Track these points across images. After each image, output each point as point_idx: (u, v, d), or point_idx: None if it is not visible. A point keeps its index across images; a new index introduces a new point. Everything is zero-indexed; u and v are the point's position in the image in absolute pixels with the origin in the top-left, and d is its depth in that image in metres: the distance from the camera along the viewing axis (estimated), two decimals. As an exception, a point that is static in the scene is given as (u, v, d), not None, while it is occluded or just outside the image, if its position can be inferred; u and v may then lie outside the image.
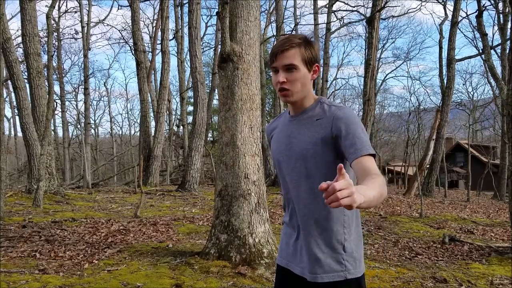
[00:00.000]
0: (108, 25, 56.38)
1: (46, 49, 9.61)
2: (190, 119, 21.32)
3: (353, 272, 1.42)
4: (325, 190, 1.01)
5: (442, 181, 25.15)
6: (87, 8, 23.03)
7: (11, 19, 31.30)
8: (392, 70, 57.56)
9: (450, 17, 17.15)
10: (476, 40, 21.63)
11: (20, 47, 15.24)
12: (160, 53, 17.04)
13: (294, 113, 1.54)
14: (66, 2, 46.51)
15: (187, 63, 23.51)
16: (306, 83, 1.47)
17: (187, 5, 16.18)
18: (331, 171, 1.41)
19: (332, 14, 21.90)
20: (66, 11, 24.51)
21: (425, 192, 15.46)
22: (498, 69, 16.44)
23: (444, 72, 17.25)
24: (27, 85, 9.86)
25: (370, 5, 17.71)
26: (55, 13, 21.28)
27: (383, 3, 16.33)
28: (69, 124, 29.04)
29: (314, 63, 1.47)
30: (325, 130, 1.42)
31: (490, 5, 17.02)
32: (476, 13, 12.67)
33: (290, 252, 1.58)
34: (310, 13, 29.03)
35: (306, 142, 1.45)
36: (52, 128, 21.78)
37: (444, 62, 17.32)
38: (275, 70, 1.46)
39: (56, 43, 22.32)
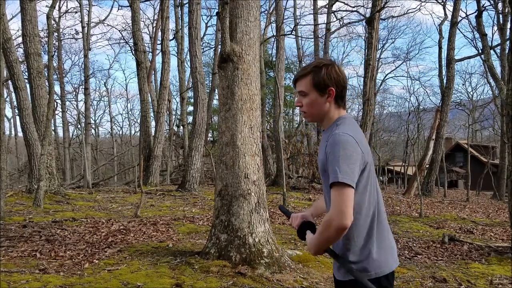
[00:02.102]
0: (108, 25, 56.35)
1: (47, 49, 9.60)
2: (190, 119, 21.33)
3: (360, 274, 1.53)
4: None
5: (441, 181, 25.17)
6: (88, 8, 23.05)
7: (11, 19, 31.32)
8: (392, 70, 57.52)
9: (449, 17, 17.17)
10: (475, 40, 21.62)
11: (21, 47, 15.26)
12: (160, 53, 17.05)
13: (323, 130, 1.74)
14: (67, 2, 46.64)
15: (187, 63, 23.53)
16: (319, 106, 1.64)
17: (187, 5, 16.19)
18: (326, 183, 1.57)
19: (332, 14, 21.91)
20: (66, 11, 24.53)
21: (424, 192, 15.46)
22: (498, 69, 16.45)
23: (444, 72, 17.26)
24: (28, 85, 9.87)
25: (370, 5, 17.71)
26: (55, 13, 21.32)
27: (383, 3, 16.33)
28: (69, 124, 29.07)
29: (326, 87, 1.61)
30: (323, 150, 1.58)
31: (489, 5, 17.02)
32: (476, 13, 12.67)
33: None
34: (310, 13, 29.01)
35: (320, 159, 1.62)
36: (53, 128, 21.77)
37: (444, 62, 17.33)
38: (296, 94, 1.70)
39: (57, 43, 22.33)
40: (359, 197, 1.52)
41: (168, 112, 24.66)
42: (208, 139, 24.73)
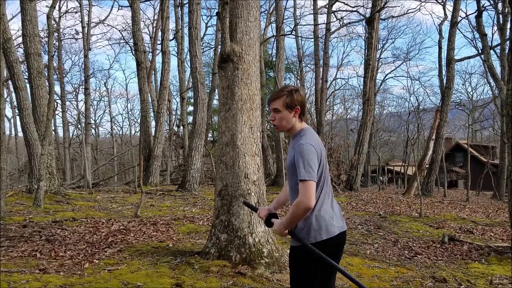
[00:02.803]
0: (108, 25, 56.41)
1: (47, 49, 9.61)
2: (190, 119, 21.32)
3: (308, 240, 2.09)
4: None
5: (441, 181, 25.16)
6: (88, 9, 23.04)
7: (11, 19, 31.29)
8: (392, 70, 57.59)
9: (449, 17, 17.17)
10: (475, 40, 21.63)
11: (21, 47, 15.26)
12: (161, 53, 17.05)
13: (290, 139, 2.34)
14: (67, 3, 46.67)
15: (187, 63, 23.53)
16: (288, 120, 2.22)
17: (187, 5, 16.19)
18: (292, 182, 2.17)
19: (332, 14, 21.90)
20: (66, 12, 24.53)
21: (424, 192, 15.46)
22: (498, 69, 16.46)
23: (444, 72, 17.26)
24: (28, 85, 9.87)
25: (370, 5, 17.73)
26: (55, 13, 21.32)
27: (383, 3, 16.35)
28: (69, 124, 29.04)
29: (294, 106, 2.20)
30: (292, 155, 2.15)
31: (489, 6, 17.02)
32: (476, 13, 12.67)
33: None
34: (310, 13, 29.02)
35: (289, 161, 2.18)
36: (53, 128, 21.77)
37: (444, 62, 17.32)
38: (270, 110, 2.27)
39: (57, 43, 22.32)
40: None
41: (168, 112, 24.65)
42: (208, 139, 24.73)
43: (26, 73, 10.06)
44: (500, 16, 18.13)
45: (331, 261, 2.02)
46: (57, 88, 23.56)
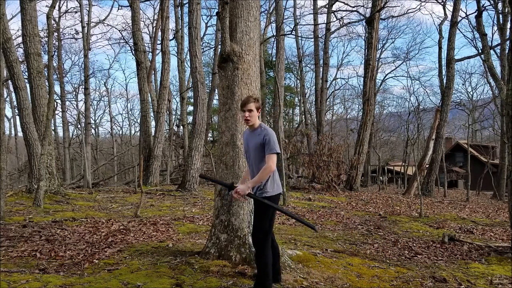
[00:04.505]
0: (108, 25, 56.06)
1: (47, 49, 9.59)
2: (190, 119, 21.32)
3: (268, 194, 3.39)
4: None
5: (441, 181, 25.18)
6: (87, 8, 23.02)
7: (11, 19, 31.31)
8: (392, 70, 57.49)
9: (449, 17, 17.19)
10: (475, 40, 21.66)
11: (21, 47, 15.26)
12: (160, 53, 17.05)
13: (250, 131, 3.53)
14: (67, 2, 46.62)
15: (187, 63, 23.54)
16: (255, 117, 3.44)
17: (187, 5, 16.19)
18: (260, 157, 3.36)
19: (332, 14, 21.92)
20: (66, 11, 24.49)
21: (424, 192, 15.47)
22: (498, 69, 16.46)
23: (444, 72, 17.28)
24: (28, 85, 9.87)
25: (370, 5, 17.73)
26: (55, 13, 21.32)
27: (383, 3, 16.35)
28: (69, 124, 29.01)
29: (259, 108, 3.48)
30: (260, 139, 3.35)
31: (489, 5, 17.04)
32: (476, 13, 12.68)
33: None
34: (310, 13, 29.02)
35: (257, 143, 3.38)
36: (53, 128, 21.76)
37: (444, 62, 17.35)
38: (244, 110, 3.41)
39: (57, 43, 22.32)
40: None
41: (168, 112, 24.67)
42: (208, 139, 24.74)
43: (26, 73, 10.06)
44: (500, 16, 18.13)
45: (280, 207, 3.57)
46: (57, 88, 23.60)
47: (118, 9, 52.22)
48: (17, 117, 22.86)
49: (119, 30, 46.40)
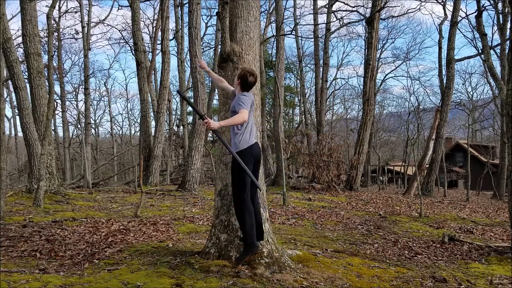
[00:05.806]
0: (108, 25, 56.00)
1: (47, 49, 9.60)
2: (190, 119, 21.34)
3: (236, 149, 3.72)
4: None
5: (441, 181, 25.18)
6: (87, 8, 23.02)
7: (11, 19, 31.31)
8: (392, 70, 57.44)
9: (449, 17, 17.18)
10: (475, 40, 21.64)
11: (21, 47, 15.26)
12: (160, 53, 17.06)
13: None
14: (67, 2, 46.58)
15: (187, 63, 23.56)
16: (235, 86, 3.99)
17: (187, 5, 16.19)
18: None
19: (332, 14, 21.91)
20: (66, 11, 24.47)
21: (424, 192, 15.47)
22: (498, 69, 16.46)
23: (444, 72, 17.27)
24: (28, 85, 9.87)
25: (370, 5, 17.73)
26: (55, 13, 21.31)
27: (383, 3, 16.35)
28: (69, 124, 29.01)
29: (240, 79, 3.86)
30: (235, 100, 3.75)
31: (489, 5, 17.04)
32: (476, 13, 12.68)
33: None
34: (310, 13, 29.01)
35: (233, 102, 3.77)
36: (53, 128, 21.76)
37: (444, 62, 17.35)
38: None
39: (57, 43, 22.32)
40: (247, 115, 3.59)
41: (168, 112, 24.68)
42: (208, 139, 24.74)
43: (26, 73, 10.06)
44: (500, 16, 18.13)
45: (244, 166, 3.62)
46: (57, 88, 23.58)
47: (118, 9, 52.24)
48: (17, 117, 22.87)
49: (119, 30, 46.41)
